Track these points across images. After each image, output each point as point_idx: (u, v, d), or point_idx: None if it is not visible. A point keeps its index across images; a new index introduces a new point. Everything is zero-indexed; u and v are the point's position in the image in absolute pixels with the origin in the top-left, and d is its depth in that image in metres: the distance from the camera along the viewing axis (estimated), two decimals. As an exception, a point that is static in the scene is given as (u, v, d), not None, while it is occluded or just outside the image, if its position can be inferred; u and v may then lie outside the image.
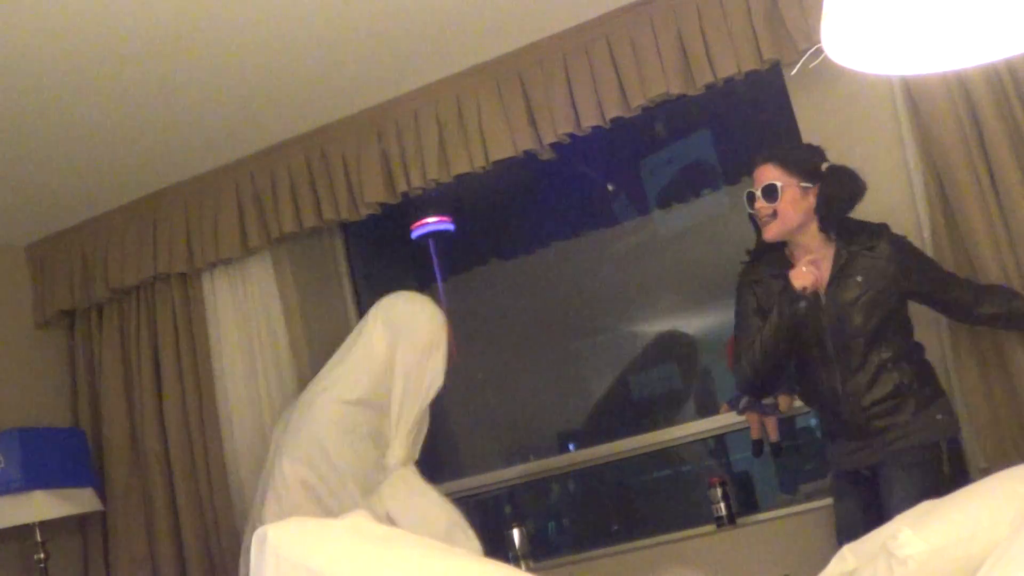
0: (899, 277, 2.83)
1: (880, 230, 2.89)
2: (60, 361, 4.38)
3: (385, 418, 3.27)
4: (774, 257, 2.96)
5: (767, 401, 3.59)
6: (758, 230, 2.96)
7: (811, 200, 2.85)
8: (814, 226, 2.88)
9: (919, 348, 2.93)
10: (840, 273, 2.85)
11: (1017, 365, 3.01)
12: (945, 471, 2.78)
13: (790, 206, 2.84)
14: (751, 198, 2.89)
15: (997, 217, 3.05)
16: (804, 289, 2.79)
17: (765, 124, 3.87)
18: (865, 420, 2.82)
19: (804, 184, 2.85)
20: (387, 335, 3.31)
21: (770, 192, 2.84)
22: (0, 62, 3.05)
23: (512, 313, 4.55)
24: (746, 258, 3.05)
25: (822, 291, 2.86)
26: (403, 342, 3.30)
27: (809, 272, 2.81)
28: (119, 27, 2.98)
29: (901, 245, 2.88)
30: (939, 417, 2.84)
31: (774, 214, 2.85)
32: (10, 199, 4.00)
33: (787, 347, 2.85)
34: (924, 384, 2.86)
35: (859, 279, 2.82)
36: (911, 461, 2.78)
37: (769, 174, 2.87)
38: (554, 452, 4.26)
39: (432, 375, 3.30)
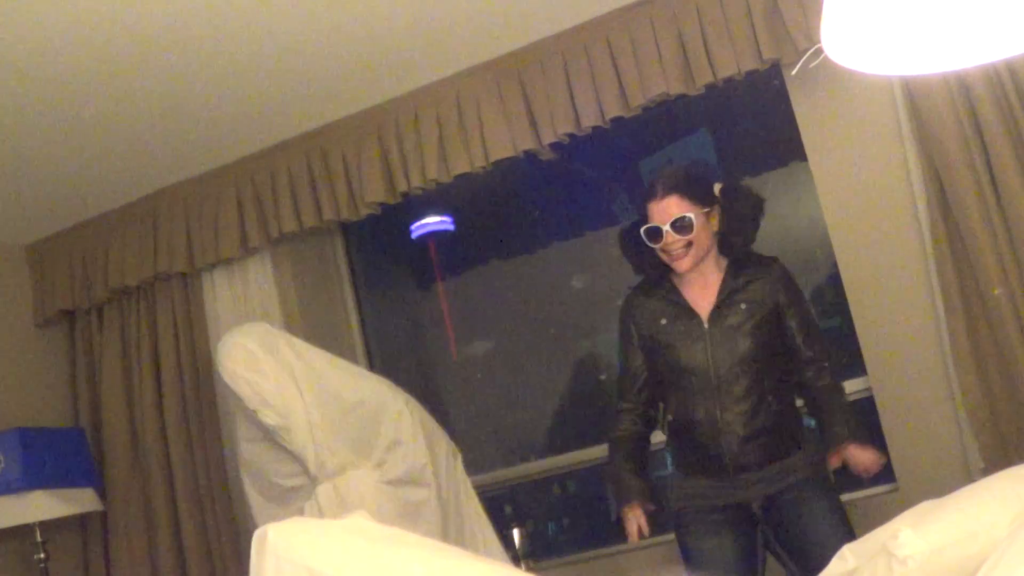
0: (779, 303, 2.84)
1: (770, 262, 2.91)
2: (60, 361, 4.38)
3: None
4: (655, 283, 2.95)
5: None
6: (635, 265, 2.95)
7: (713, 224, 2.85)
8: (715, 250, 2.88)
9: (793, 384, 2.93)
10: (727, 299, 2.84)
11: (1017, 365, 3.01)
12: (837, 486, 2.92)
13: (701, 234, 2.81)
14: (655, 233, 2.81)
15: (997, 217, 3.05)
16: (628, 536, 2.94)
17: (765, 124, 3.87)
18: (741, 453, 2.79)
19: (706, 209, 2.83)
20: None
21: (683, 225, 2.79)
22: (0, 62, 3.05)
23: (512, 313, 4.55)
24: (629, 291, 3.04)
25: (705, 317, 2.84)
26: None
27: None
28: (119, 27, 2.98)
29: (788, 277, 2.91)
30: (816, 451, 2.89)
31: (688, 245, 2.81)
32: (10, 199, 4.00)
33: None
34: (797, 420, 2.92)
35: (743, 306, 2.82)
36: (819, 487, 2.83)
37: (676, 207, 2.79)
38: (554, 452, 4.26)
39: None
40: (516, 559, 3.72)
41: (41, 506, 3.73)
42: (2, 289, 4.29)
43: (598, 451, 4.08)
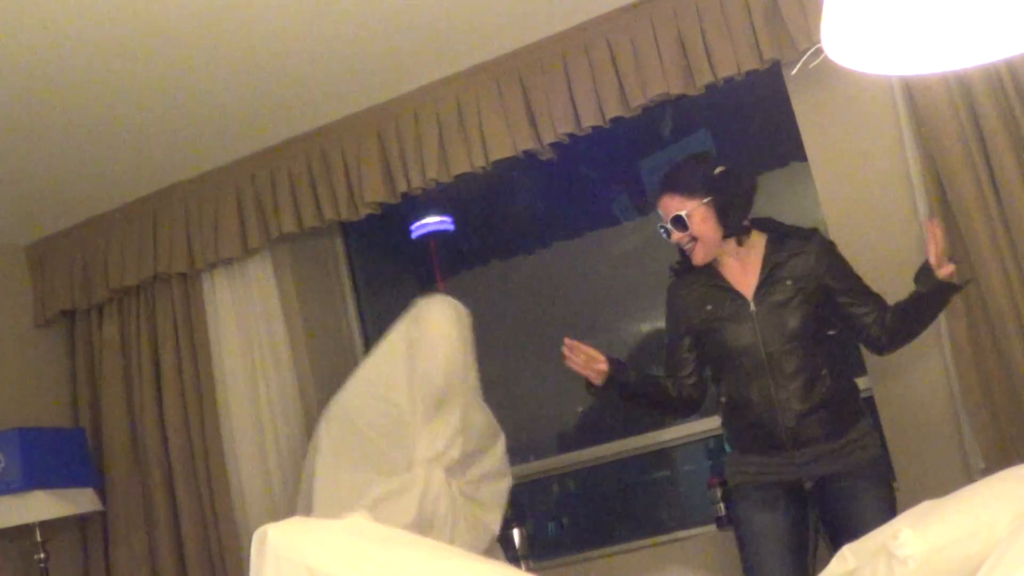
0: (824, 275, 2.81)
1: (810, 234, 2.89)
2: (60, 361, 4.38)
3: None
4: (701, 267, 2.93)
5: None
6: (682, 250, 2.95)
7: (714, 212, 2.84)
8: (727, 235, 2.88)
9: (848, 359, 2.93)
10: (769, 276, 2.83)
11: (1017, 365, 3.01)
12: (895, 486, 2.84)
13: (704, 226, 2.82)
14: (667, 232, 2.88)
15: (997, 217, 3.05)
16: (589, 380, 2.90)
17: (765, 124, 3.87)
18: (798, 430, 2.77)
19: (705, 200, 2.82)
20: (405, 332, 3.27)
21: (679, 223, 2.82)
22: (0, 62, 3.05)
23: (512, 313, 4.55)
24: (670, 279, 3.04)
25: (749, 296, 2.84)
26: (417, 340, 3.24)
27: (582, 369, 2.90)
28: (119, 27, 2.98)
29: (830, 247, 2.88)
30: (875, 433, 2.87)
31: (692, 239, 2.83)
32: (10, 199, 4.00)
33: (661, 404, 3.00)
34: (855, 396, 2.88)
35: (789, 282, 2.80)
36: (873, 474, 2.79)
37: (671, 205, 2.84)
38: (554, 452, 4.26)
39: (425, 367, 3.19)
40: (516, 559, 3.72)
41: (41, 506, 3.73)
42: (2, 289, 4.29)
43: (598, 451, 4.09)
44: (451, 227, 4.65)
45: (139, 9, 2.91)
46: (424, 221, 4.59)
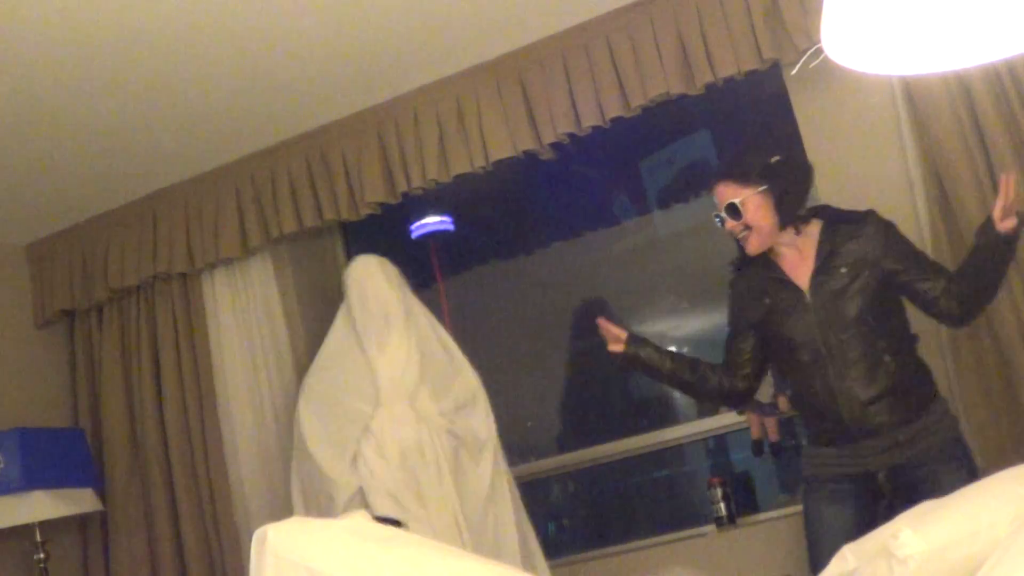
0: (881, 257, 2.74)
1: (865, 216, 2.81)
2: (60, 361, 4.38)
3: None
4: (759, 260, 2.90)
5: (767, 401, 3.59)
6: (738, 241, 2.91)
7: (771, 200, 2.79)
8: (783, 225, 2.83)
9: (915, 342, 2.83)
10: (824, 265, 2.78)
11: (1016, 365, 3.01)
12: (977, 464, 2.73)
13: (757, 215, 2.77)
14: (721, 221, 2.83)
15: (997, 217, 3.04)
16: (614, 355, 2.96)
17: (765, 124, 3.87)
18: (863, 419, 2.73)
19: (762, 188, 2.77)
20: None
21: (733, 211, 2.78)
22: (0, 62, 3.05)
23: (512, 313, 4.55)
24: (730, 268, 3.01)
25: (805, 287, 2.81)
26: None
27: (611, 343, 2.96)
28: (119, 27, 2.98)
29: (885, 227, 2.79)
30: (949, 415, 2.79)
31: (747, 228, 2.79)
32: (10, 199, 4.00)
33: (688, 384, 3.00)
34: (924, 380, 2.80)
35: (843, 270, 2.75)
36: (949, 457, 2.70)
37: (726, 193, 2.80)
38: (554, 452, 4.26)
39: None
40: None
41: (41, 506, 3.73)
42: (2, 289, 4.29)
43: (598, 451, 4.09)
44: (451, 227, 4.65)
45: (139, 9, 2.91)
46: (424, 221, 4.59)
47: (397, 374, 3.47)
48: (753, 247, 2.82)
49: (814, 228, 2.84)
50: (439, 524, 3.26)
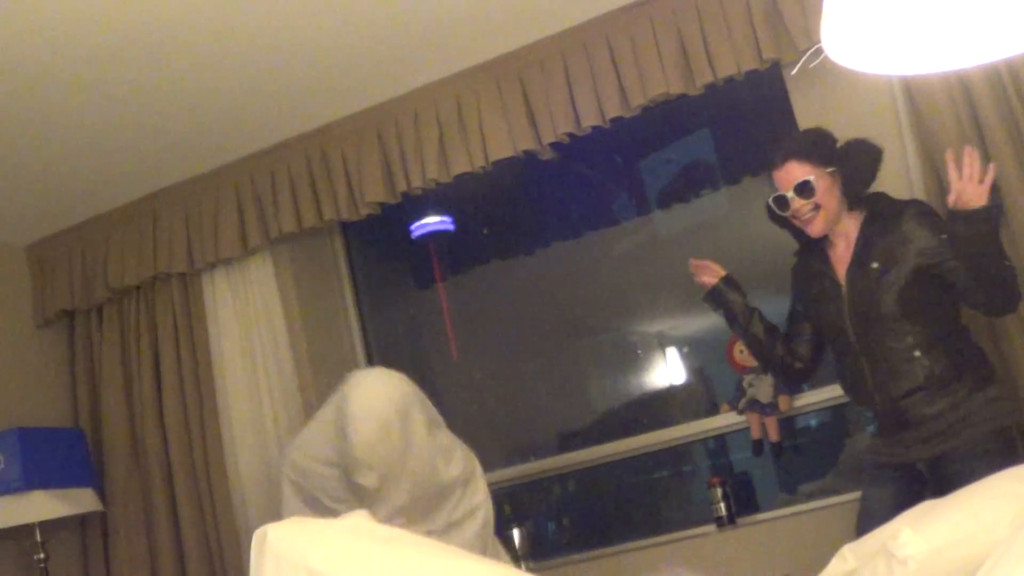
0: (912, 253, 2.70)
1: (903, 208, 2.77)
2: (60, 361, 4.38)
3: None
4: (816, 246, 2.91)
5: (767, 401, 3.59)
6: (791, 228, 2.90)
7: (839, 183, 2.79)
8: (846, 208, 2.82)
9: (961, 332, 2.78)
10: (858, 258, 2.78)
11: (1017, 365, 3.01)
12: (1021, 455, 2.64)
13: (826, 196, 2.77)
14: (783, 201, 2.80)
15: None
16: (704, 286, 3.00)
17: (765, 124, 3.86)
18: (899, 412, 2.72)
19: (830, 169, 2.78)
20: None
21: (805, 189, 2.76)
22: (0, 62, 3.05)
23: (512, 313, 4.55)
24: (794, 257, 3.02)
25: (842, 277, 2.81)
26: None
27: (702, 275, 3.01)
28: (119, 27, 2.98)
29: (920, 220, 2.73)
30: (999, 403, 2.71)
31: (815, 208, 2.78)
32: (10, 199, 4.00)
33: (760, 344, 2.99)
34: (967, 370, 2.71)
35: (875, 265, 2.73)
36: (984, 451, 2.63)
37: (796, 171, 2.78)
38: (554, 452, 4.26)
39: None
40: (516, 559, 3.72)
41: (41, 506, 3.73)
42: (2, 289, 4.29)
43: (598, 451, 4.08)
44: (451, 227, 4.65)
45: (139, 9, 2.91)
46: (424, 221, 4.59)
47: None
48: (818, 228, 2.81)
49: (860, 218, 2.83)
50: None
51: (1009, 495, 1.66)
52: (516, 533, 3.79)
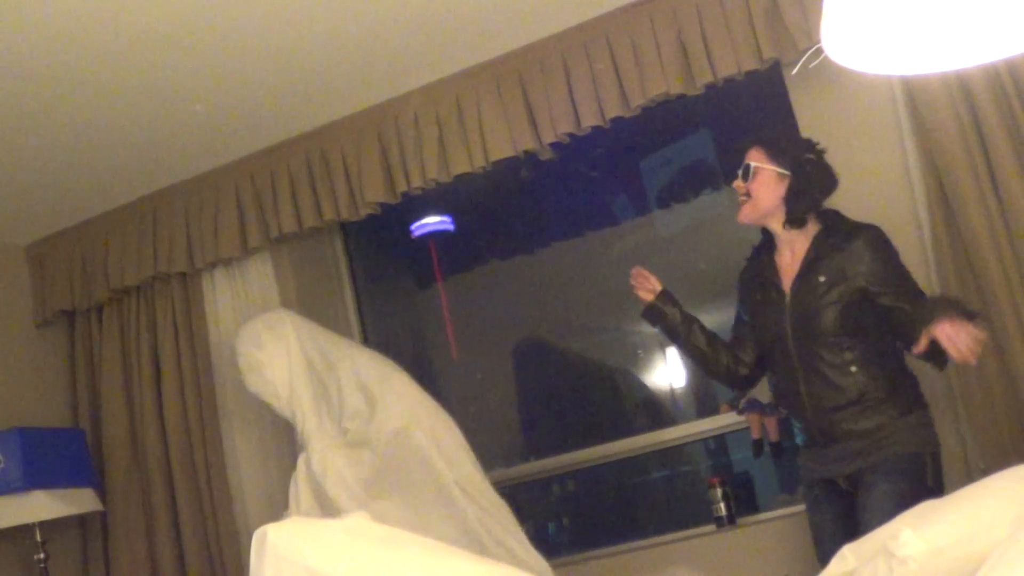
0: (861, 275, 2.71)
1: (860, 231, 2.78)
2: (60, 361, 4.38)
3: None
4: (766, 253, 2.95)
5: (767, 401, 3.59)
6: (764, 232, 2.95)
7: (784, 188, 2.82)
8: (782, 215, 2.85)
9: (897, 354, 2.80)
10: (806, 270, 2.80)
11: (1017, 366, 3.01)
12: (929, 484, 2.68)
13: (763, 189, 2.82)
14: (733, 178, 2.89)
15: (997, 217, 3.05)
16: (642, 300, 3.02)
17: (765, 124, 3.86)
18: (828, 425, 2.76)
19: (782, 171, 2.81)
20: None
21: (747, 172, 2.84)
22: (1, 63, 3.05)
23: (512, 313, 4.55)
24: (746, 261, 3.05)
25: (787, 287, 2.83)
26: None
27: (640, 288, 3.02)
28: (119, 27, 2.98)
29: (875, 246, 2.75)
30: (920, 429, 2.75)
31: (747, 195, 2.84)
32: (10, 199, 4.00)
33: (702, 354, 3.01)
34: (899, 391, 2.75)
35: (822, 279, 2.76)
36: (893, 469, 2.68)
37: (752, 155, 2.86)
38: (554, 452, 4.26)
39: None
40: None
41: (41, 506, 3.72)
42: (2, 289, 4.29)
43: (598, 451, 4.08)
44: (451, 227, 4.65)
45: (138, 9, 2.91)
46: (424, 221, 4.59)
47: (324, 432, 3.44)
48: (742, 214, 2.87)
49: (812, 232, 2.85)
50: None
51: (1009, 495, 1.66)
52: (516, 533, 3.77)
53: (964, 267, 3.09)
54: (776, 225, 2.87)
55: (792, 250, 2.86)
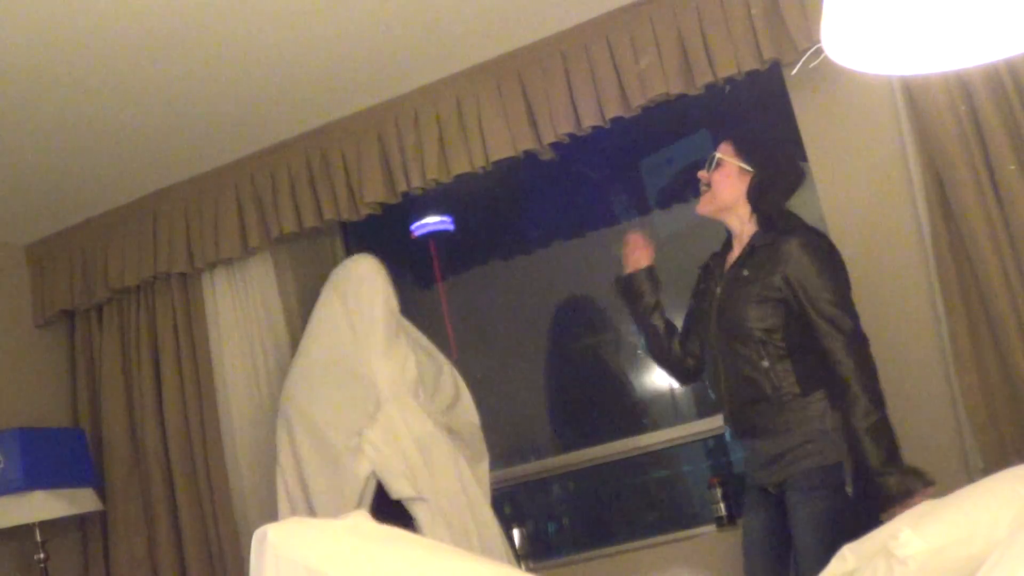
0: (789, 279, 2.67)
1: (797, 231, 2.74)
2: (60, 361, 4.38)
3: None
4: (726, 243, 2.99)
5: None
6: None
7: (745, 185, 2.85)
8: (744, 212, 2.86)
9: (816, 354, 2.68)
10: (737, 262, 2.82)
11: (1017, 366, 3.01)
12: (848, 492, 2.62)
13: (724, 181, 2.85)
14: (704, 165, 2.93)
15: (997, 217, 3.04)
16: (631, 265, 3.06)
17: (765, 124, 3.86)
18: (744, 419, 2.78)
19: (745, 167, 2.84)
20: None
21: (711, 162, 2.88)
22: (0, 63, 3.05)
23: (512, 313, 4.55)
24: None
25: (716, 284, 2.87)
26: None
27: (635, 253, 3.04)
28: (119, 27, 2.98)
29: (810, 256, 2.68)
30: (839, 435, 2.64)
31: (708, 185, 2.89)
32: (10, 199, 4.00)
33: (658, 336, 3.03)
34: (814, 391, 2.68)
35: (746, 273, 2.76)
36: (819, 484, 2.64)
37: (721, 148, 2.90)
38: (554, 452, 4.26)
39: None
40: (516, 559, 3.72)
41: (41, 506, 3.73)
42: (2, 289, 4.29)
43: (598, 451, 4.08)
44: (451, 227, 4.65)
45: (138, 9, 2.91)
46: (424, 221, 4.59)
47: (397, 373, 3.48)
48: (701, 206, 2.93)
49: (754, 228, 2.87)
50: (451, 512, 3.27)
51: (1009, 495, 1.66)
52: (516, 533, 3.79)
53: (964, 267, 3.09)
54: (734, 221, 2.89)
55: (740, 245, 2.89)
